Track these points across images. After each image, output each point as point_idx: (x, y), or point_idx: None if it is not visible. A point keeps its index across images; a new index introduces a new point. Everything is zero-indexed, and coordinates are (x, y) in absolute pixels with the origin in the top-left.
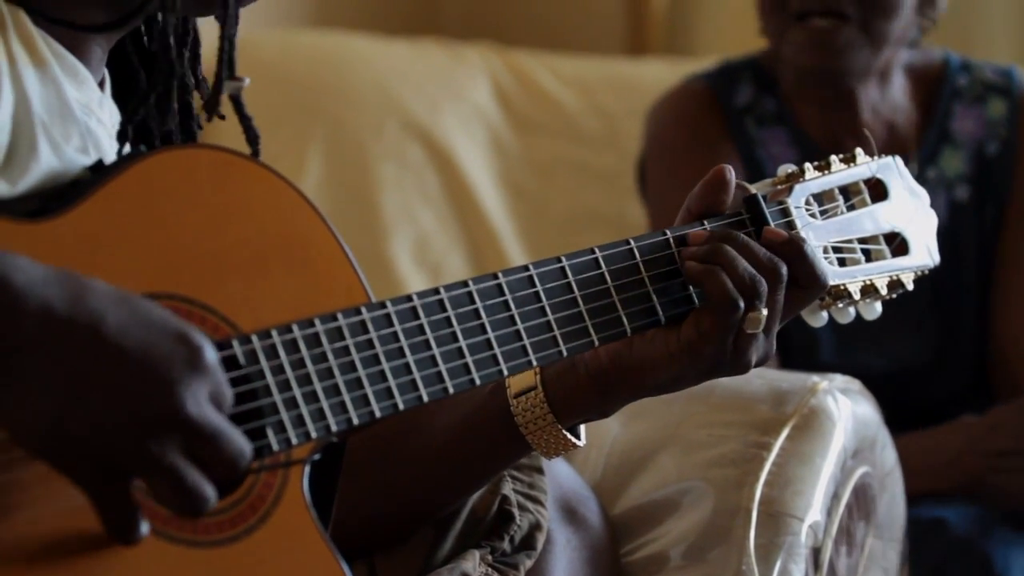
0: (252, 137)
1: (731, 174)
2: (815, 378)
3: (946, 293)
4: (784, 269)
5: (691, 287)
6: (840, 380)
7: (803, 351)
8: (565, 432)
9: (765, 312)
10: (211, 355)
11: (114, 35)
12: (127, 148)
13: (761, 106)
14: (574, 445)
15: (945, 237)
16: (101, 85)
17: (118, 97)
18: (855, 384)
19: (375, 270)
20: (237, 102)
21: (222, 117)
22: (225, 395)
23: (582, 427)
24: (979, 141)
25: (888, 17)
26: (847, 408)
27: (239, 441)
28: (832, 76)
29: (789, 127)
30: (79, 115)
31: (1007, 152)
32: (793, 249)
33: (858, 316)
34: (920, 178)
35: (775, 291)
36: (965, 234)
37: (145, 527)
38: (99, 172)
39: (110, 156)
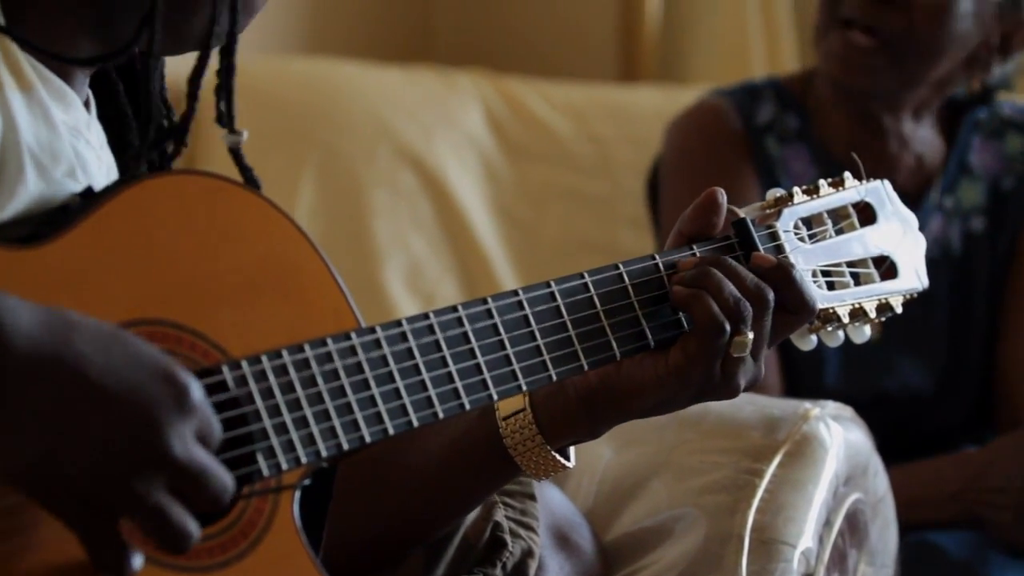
0: (253, 187)
1: (723, 197)
2: (807, 405)
3: (957, 322)
4: (771, 294)
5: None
6: (832, 407)
7: (809, 374)
8: (554, 453)
9: (751, 336)
10: (197, 394)
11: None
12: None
13: (783, 123)
14: (563, 466)
15: (958, 267)
16: (87, 105)
17: (102, 116)
18: (847, 411)
19: (368, 296)
20: (236, 154)
21: (184, 145)
22: (212, 431)
23: (571, 448)
24: (996, 175)
25: (923, 59)
26: (839, 435)
27: (223, 477)
28: (853, 93)
29: (811, 145)
30: (67, 138)
31: (1022, 188)
32: (781, 274)
33: (848, 339)
34: (938, 206)
35: (762, 315)
36: (978, 265)
37: (138, 562)
38: (89, 198)
39: (98, 177)
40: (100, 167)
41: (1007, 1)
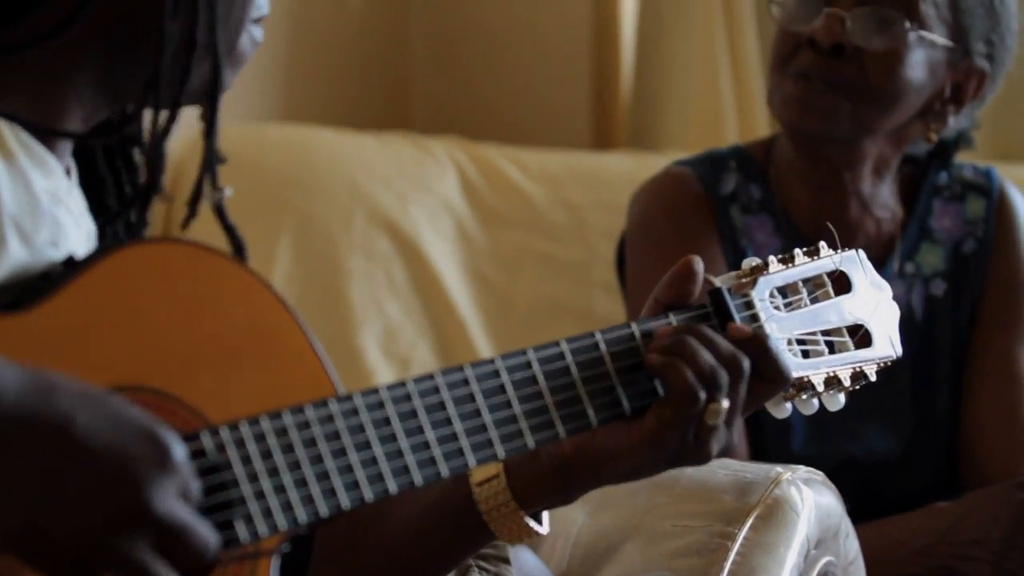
0: (238, 246)
1: (699, 265)
2: (778, 469)
3: (921, 386)
4: (746, 363)
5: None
6: (803, 471)
7: (775, 440)
8: (528, 519)
9: (726, 404)
10: (179, 453)
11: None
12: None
13: (747, 194)
14: (536, 533)
15: (921, 331)
16: (68, 173)
17: (83, 183)
18: (818, 475)
19: (344, 361)
20: (220, 212)
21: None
22: (192, 490)
23: (544, 514)
24: (957, 239)
25: (879, 108)
26: (810, 498)
27: (206, 533)
28: (811, 138)
29: (775, 215)
30: (47, 206)
31: (983, 251)
32: (756, 344)
33: (822, 407)
34: (899, 273)
35: (737, 383)
36: (940, 328)
37: None
38: (70, 265)
39: (77, 245)
40: (79, 234)
41: (957, 50)
